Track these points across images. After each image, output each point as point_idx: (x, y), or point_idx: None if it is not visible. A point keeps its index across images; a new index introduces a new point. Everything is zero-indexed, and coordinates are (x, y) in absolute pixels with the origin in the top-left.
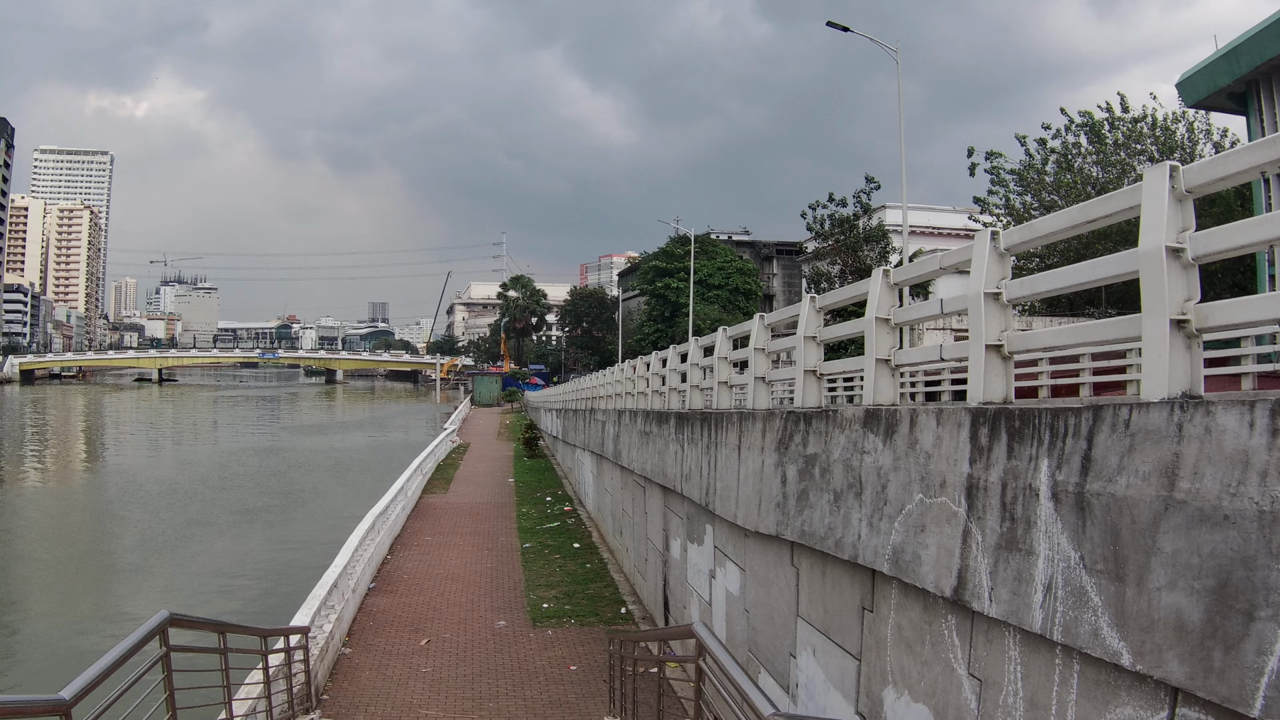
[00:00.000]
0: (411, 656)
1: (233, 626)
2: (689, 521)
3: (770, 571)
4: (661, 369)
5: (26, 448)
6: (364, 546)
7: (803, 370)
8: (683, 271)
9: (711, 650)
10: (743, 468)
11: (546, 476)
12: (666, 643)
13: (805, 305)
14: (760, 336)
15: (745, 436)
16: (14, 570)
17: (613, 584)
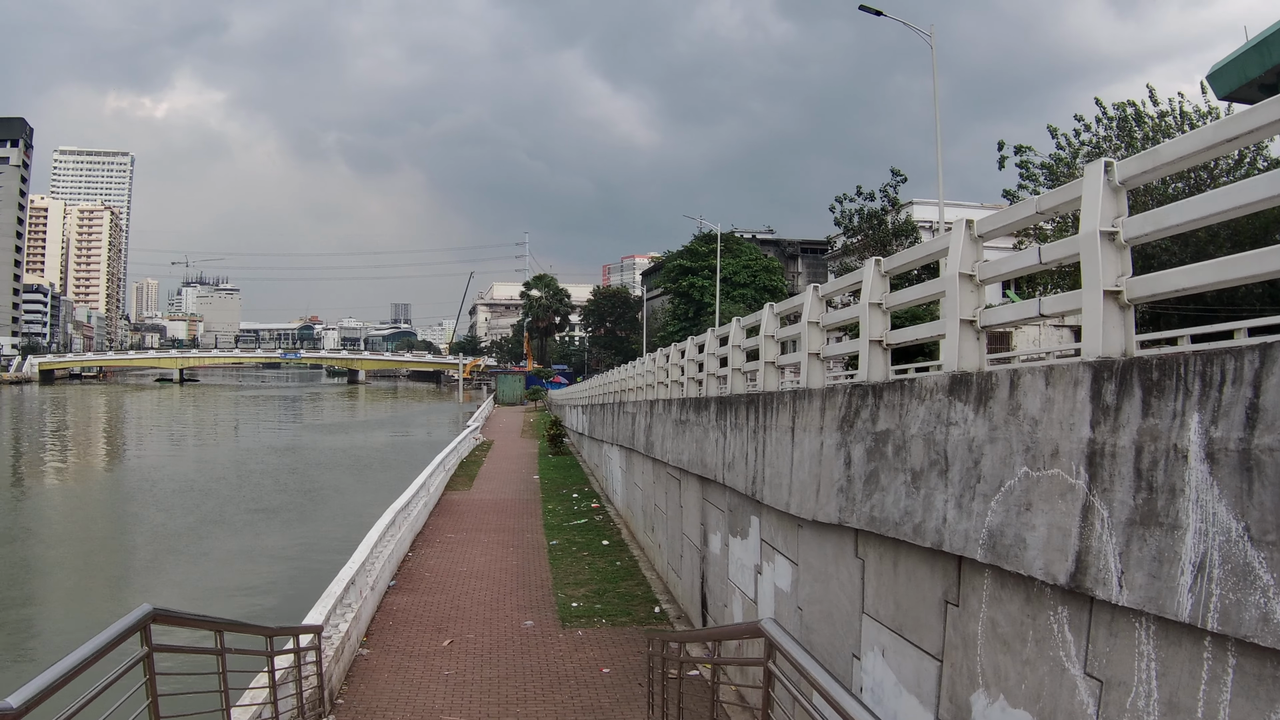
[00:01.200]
0: (433, 658)
1: (232, 624)
2: (731, 514)
3: (829, 564)
4: (698, 355)
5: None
6: (384, 542)
7: (868, 340)
8: (707, 270)
9: (788, 651)
10: (797, 451)
11: (572, 473)
12: (719, 643)
13: (869, 270)
14: (814, 309)
15: (800, 417)
16: (18, 569)
17: (644, 582)
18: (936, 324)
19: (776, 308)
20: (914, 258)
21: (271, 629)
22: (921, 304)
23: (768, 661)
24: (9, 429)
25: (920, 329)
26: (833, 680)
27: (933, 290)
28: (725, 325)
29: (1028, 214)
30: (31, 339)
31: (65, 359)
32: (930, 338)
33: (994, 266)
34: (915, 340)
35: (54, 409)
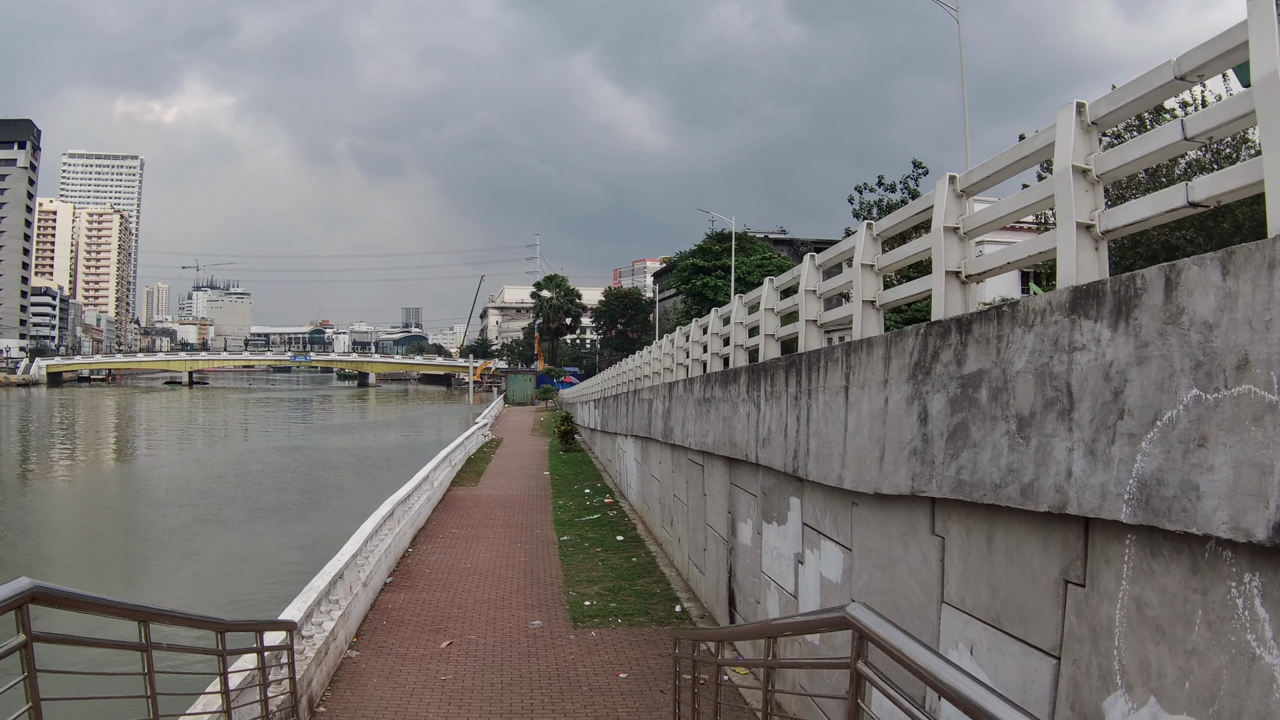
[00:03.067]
0: (430, 661)
1: (161, 614)
2: (765, 497)
3: (894, 546)
4: (722, 328)
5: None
6: (380, 535)
7: (944, 272)
8: (720, 269)
9: (899, 649)
10: (852, 414)
11: (584, 469)
12: (773, 640)
13: (942, 188)
14: (867, 250)
15: (856, 372)
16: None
17: (663, 579)
18: (1030, 242)
19: (818, 259)
20: (1002, 164)
21: (224, 623)
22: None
23: (856, 662)
24: (12, 429)
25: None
26: (981, 688)
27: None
28: (752, 291)
29: (1013, 160)
30: (40, 342)
31: (73, 361)
32: (1035, 254)
33: (1121, 153)
34: (1005, 266)
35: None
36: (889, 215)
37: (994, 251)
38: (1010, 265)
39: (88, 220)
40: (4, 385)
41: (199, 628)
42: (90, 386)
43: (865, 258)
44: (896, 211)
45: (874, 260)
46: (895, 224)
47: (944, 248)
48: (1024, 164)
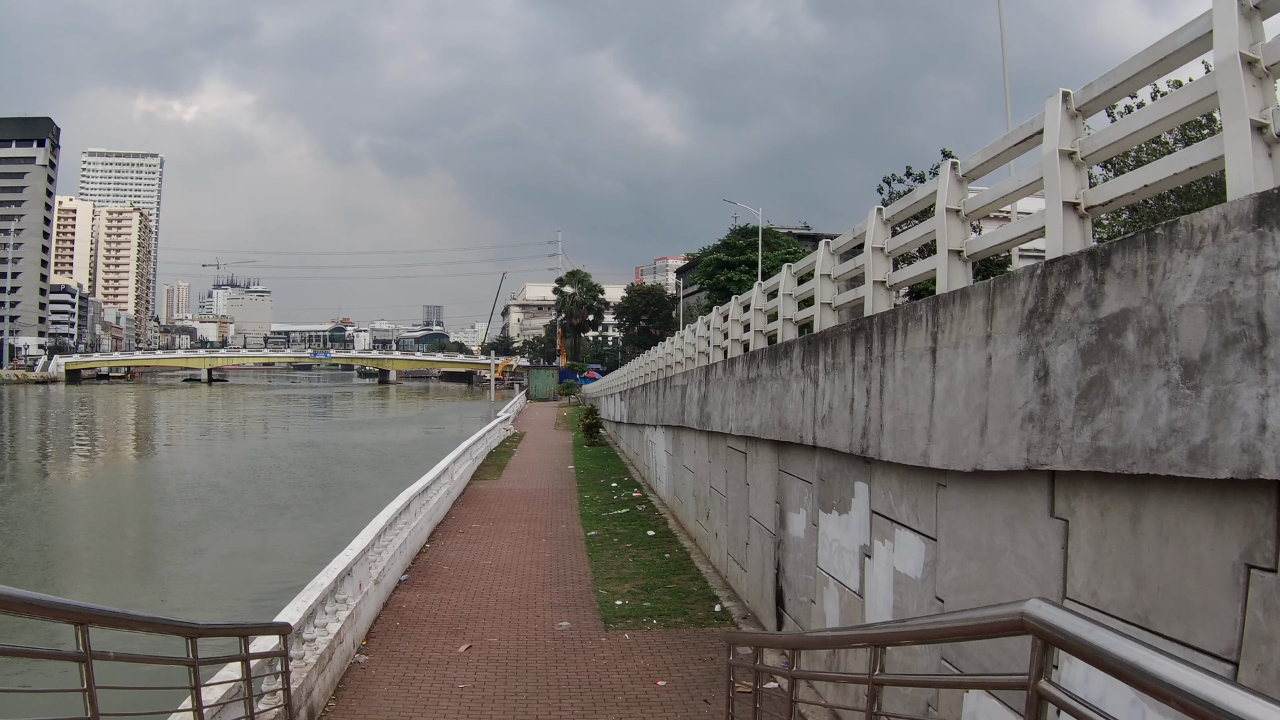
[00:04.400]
0: (447, 667)
1: (104, 616)
2: (822, 484)
3: (998, 533)
4: (767, 303)
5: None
6: (394, 530)
7: (1060, 203)
8: (744, 264)
9: (1131, 663)
10: (941, 379)
11: (610, 463)
12: (880, 650)
13: (1054, 107)
14: (951, 194)
15: (948, 330)
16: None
17: (699, 576)
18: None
19: (886, 212)
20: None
21: (195, 627)
22: None
23: (1039, 681)
24: (28, 426)
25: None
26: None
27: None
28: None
29: (1009, 146)
30: (59, 339)
31: (91, 359)
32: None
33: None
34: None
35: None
36: (981, 151)
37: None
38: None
39: (107, 218)
40: (22, 382)
41: (161, 632)
42: (109, 384)
43: (950, 202)
44: (1002, 139)
45: (960, 205)
46: (990, 158)
47: (1060, 177)
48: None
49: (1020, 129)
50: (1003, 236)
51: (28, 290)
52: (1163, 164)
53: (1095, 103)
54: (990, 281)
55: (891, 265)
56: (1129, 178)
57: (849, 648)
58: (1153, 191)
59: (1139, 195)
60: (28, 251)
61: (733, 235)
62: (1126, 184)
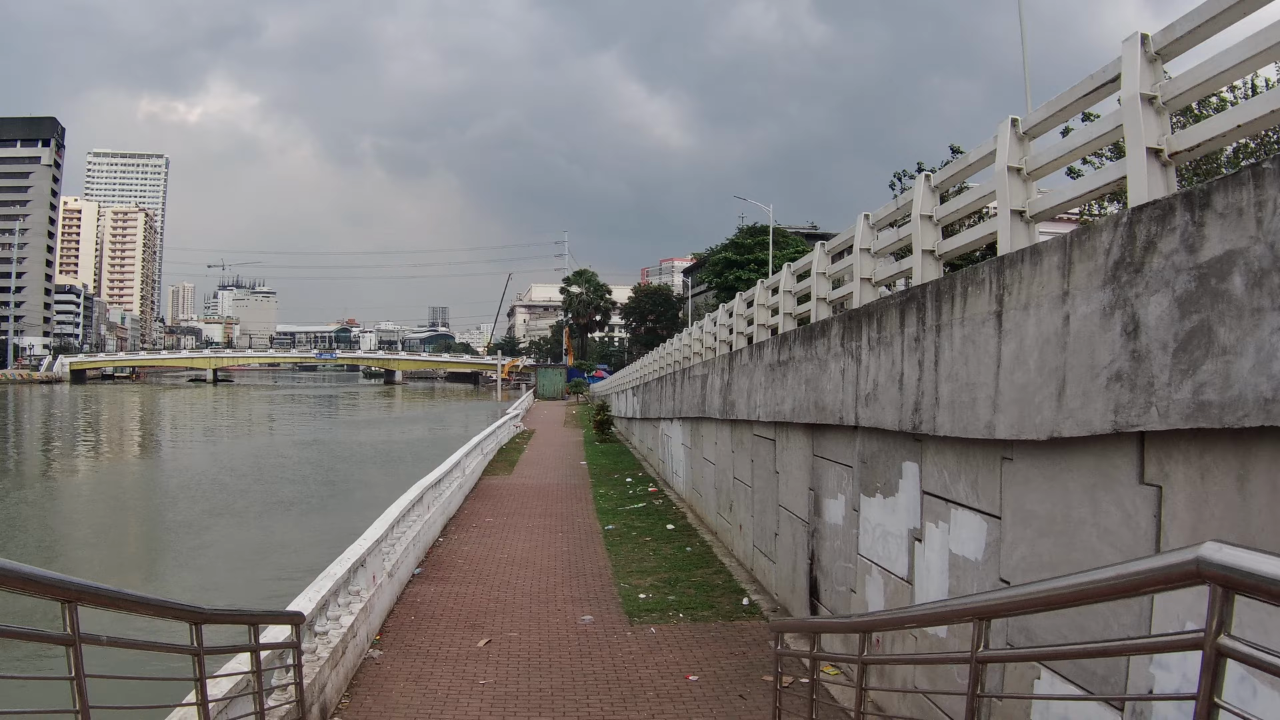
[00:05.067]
0: (466, 662)
1: (97, 594)
2: (865, 466)
3: (1076, 505)
4: (796, 285)
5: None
6: (407, 522)
7: (1144, 149)
8: (753, 263)
9: None
10: (1009, 343)
11: (622, 459)
12: (984, 624)
13: (1132, 50)
14: (1012, 152)
15: (1016, 290)
16: None
17: (723, 569)
18: None
19: (935, 177)
20: None
21: (200, 612)
22: None
23: (1218, 637)
24: (31, 424)
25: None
26: None
27: None
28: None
29: (1077, 98)
30: (64, 339)
31: (96, 359)
32: None
33: None
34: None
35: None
36: (1045, 105)
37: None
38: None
39: (112, 219)
40: (26, 382)
41: (162, 615)
42: (114, 384)
43: (1010, 160)
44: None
45: (1021, 162)
46: (1055, 111)
47: (1142, 120)
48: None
49: (1090, 79)
50: (1075, 191)
51: (32, 290)
52: (1257, 102)
53: (1175, 45)
54: (1065, 235)
55: (940, 234)
56: (1219, 119)
57: (943, 625)
58: (1247, 132)
59: (1230, 138)
60: (32, 251)
61: (741, 234)
62: (1217, 125)
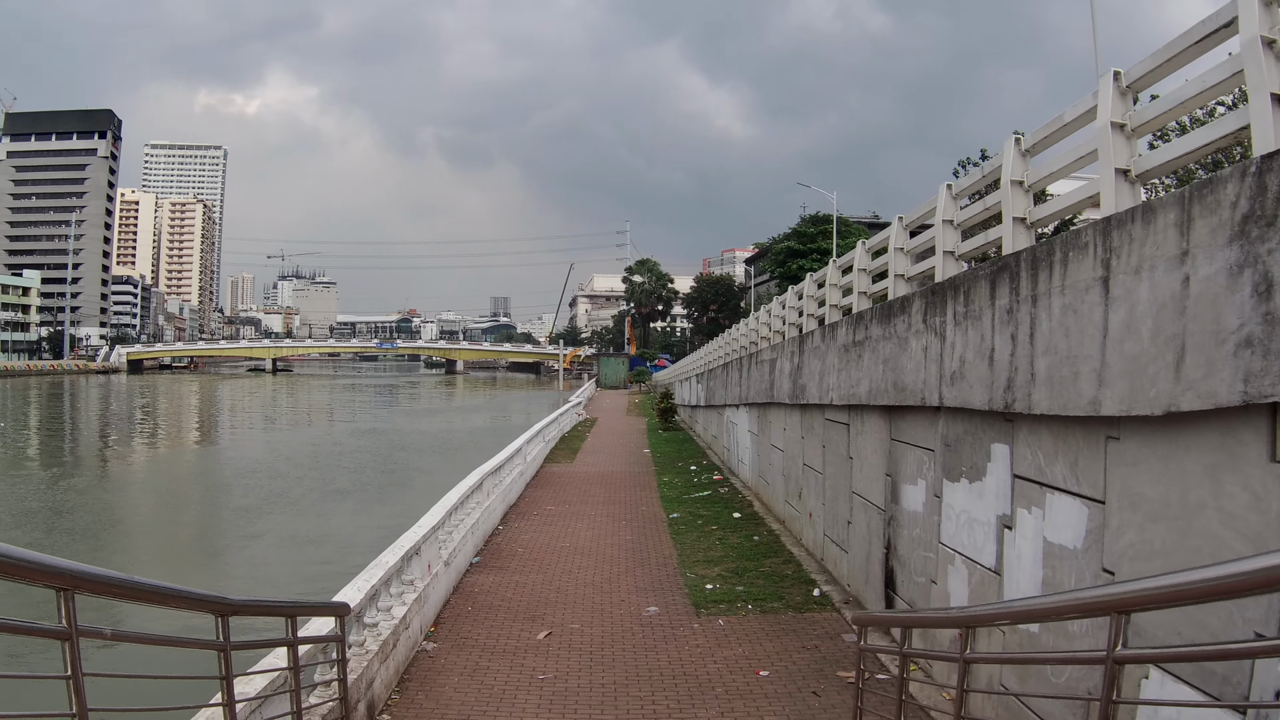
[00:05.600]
0: (524, 655)
1: (99, 581)
2: (949, 449)
3: (1194, 487)
4: (870, 263)
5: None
6: (465, 509)
7: (1268, 95)
8: (816, 252)
9: None
10: (1118, 311)
11: (686, 447)
12: (1122, 616)
13: None
14: (1115, 108)
15: (1125, 253)
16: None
17: (792, 559)
18: None
19: (1026, 140)
20: None
21: (227, 602)
22: None
23: None
24: (85, 414)
25: None
26: None
27: None
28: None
29: (1189, 44)
30: (121, 330)
31: (154, 349)
32: None
33: None
34: None
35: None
36: (1151, 56)
37: None
38: None
39: (170, 210)
40: (83, 372)
41: (179, 606)
42: (171, 374)
43: (1114, 115)
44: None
45: (1125, 118)
46: (1165, 60)
47: (1264, 64)
48: None
49: (1202, 24)
50: (1188, 146)
51: (89, 281)
52: None
53: None
54: (1184, 190)
55: (1031, 200)
56: None
57: (1069, 619)
58: None
59: None
60: (89, 242)
61: (803, 223)
62: None
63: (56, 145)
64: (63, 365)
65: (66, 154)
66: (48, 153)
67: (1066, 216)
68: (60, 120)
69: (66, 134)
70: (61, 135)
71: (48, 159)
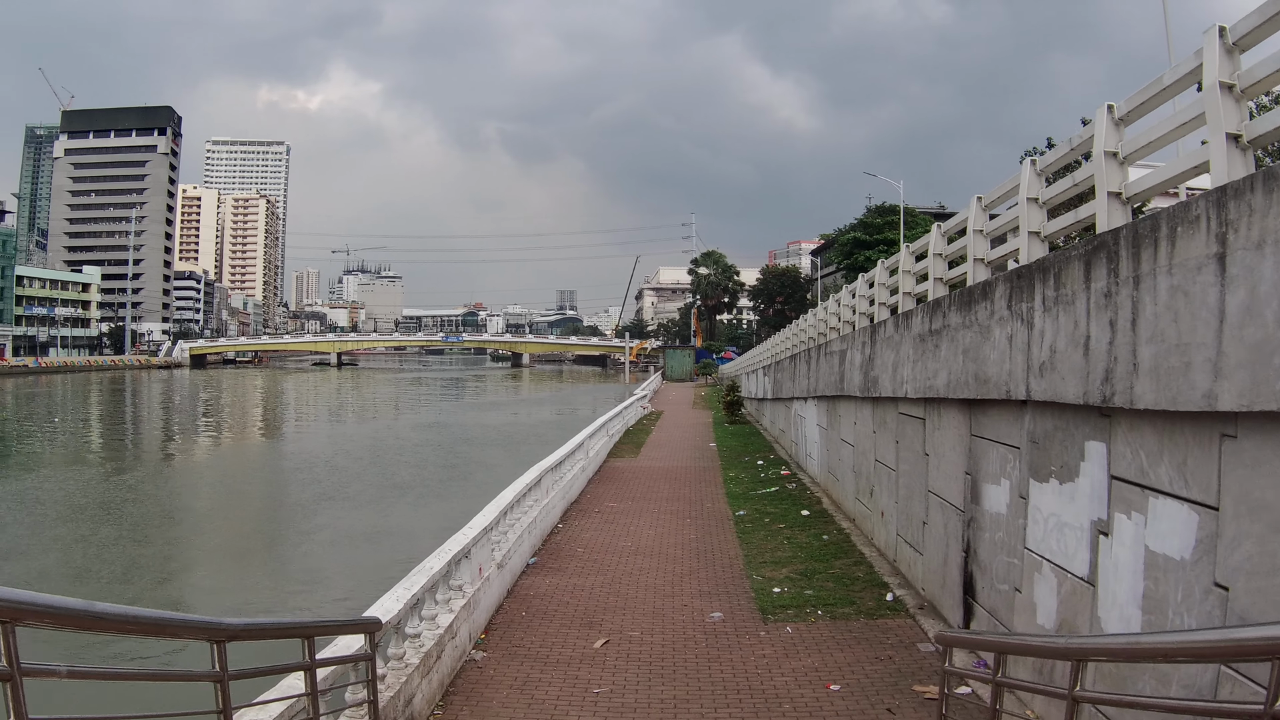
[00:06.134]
0: (579, 665)
1: (38, 610)
2: (1037, 446)
3: None
4: (946, 247)
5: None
6: (522, 507)
7: None
8: (882, 243)
9: None
10: (1236, 292)
11: (753, 441)
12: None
13: None
14: (1222, 67)
15: (1246, 225)
16: (78, 543)
17: (863, 560)
18: None
19: (1120, 108)
20: None
21: (224, 627)
22: None
23: None
24: (146, 409)
25: None
26: None
27: None
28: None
29: None
30: (184, 325)
31: (216, 344)
32: None
33: None
34: None
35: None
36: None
37: None
38: None
39: (233, 205)
40: (145, 368)
41: (163, 635)
42: (235, 368)
43: (1222, 75)
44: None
45: (1234, 78)
46: None
47: None
48: None
49: None
50: None
51: (151, 277)
52: None
53: None
54: None
55: (1127, 173)
56: None
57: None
58: None
59: None
60: (150, 238)
61: (869, 214)
62: None
63: (115, 142)
64: (124, 360)
65: (125, 150)
66: (106, 150)
67: (1156, 195)
68: (119, 117)
69: (125, 131)
70: (120, 132)
71: (106, 156)
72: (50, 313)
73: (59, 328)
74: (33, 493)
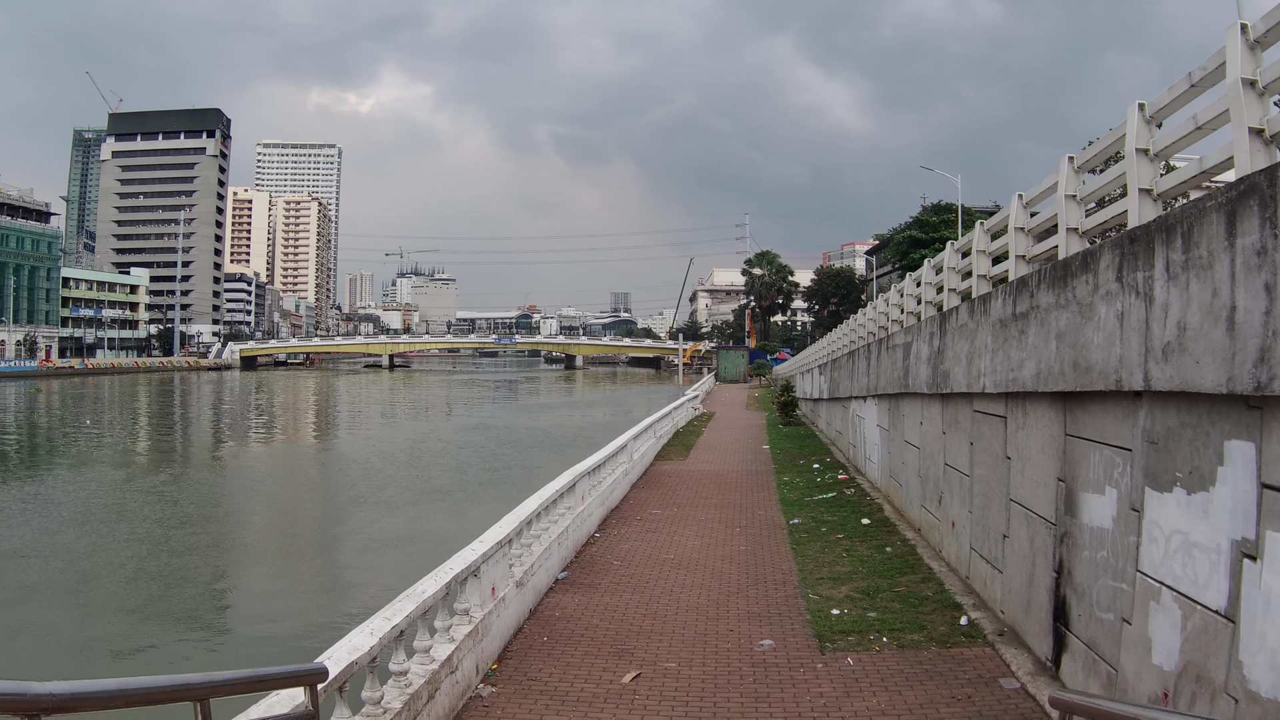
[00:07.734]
0: (603, 706)
1: None
2: (1155, 447)
3: None
4: (1028, 220)
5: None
6: (551, 516)
7: None
8: (938, 241)
9: None
10: None
11: (808, 443)
12: None
13: None
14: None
15: None
16: (101, 548)
17: (931, 576)
18: None
19: (1257, 27)
20: None
21: (37, 697)
22: None
23: None
24: (195, 410)
25: None
26: None
27: None
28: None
29: None
30: (234, 327)
31: (266, 346)
32: None
33: None
34: None
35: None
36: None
37: None
38: None
39: (285, 208)
40: (194, 369)
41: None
42: (286, 370)
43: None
44: None
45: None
46: None
47: None
48: None
49: None
50: None
51: (200, 279)
52: None
53: None
54: None
55: (1267, 108)
56: None
57: None
58: None
59: None
60: (200, 240)
61: (925, 212)
62: None
63: (163, 145)
64: (172, 362)
65: (174, 153)
66: (154, 152)
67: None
68: (167, 120)
69: (173, 133)
70: (168, 135)
71: (154, 158)
72: (97, 314)
73: (106, 329)
74: (49, 494)
